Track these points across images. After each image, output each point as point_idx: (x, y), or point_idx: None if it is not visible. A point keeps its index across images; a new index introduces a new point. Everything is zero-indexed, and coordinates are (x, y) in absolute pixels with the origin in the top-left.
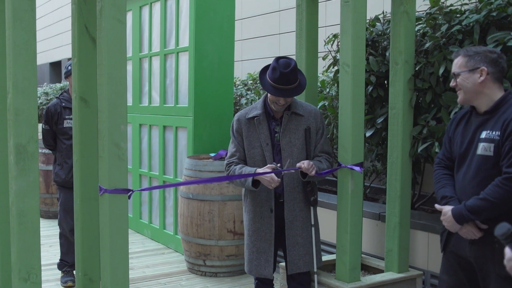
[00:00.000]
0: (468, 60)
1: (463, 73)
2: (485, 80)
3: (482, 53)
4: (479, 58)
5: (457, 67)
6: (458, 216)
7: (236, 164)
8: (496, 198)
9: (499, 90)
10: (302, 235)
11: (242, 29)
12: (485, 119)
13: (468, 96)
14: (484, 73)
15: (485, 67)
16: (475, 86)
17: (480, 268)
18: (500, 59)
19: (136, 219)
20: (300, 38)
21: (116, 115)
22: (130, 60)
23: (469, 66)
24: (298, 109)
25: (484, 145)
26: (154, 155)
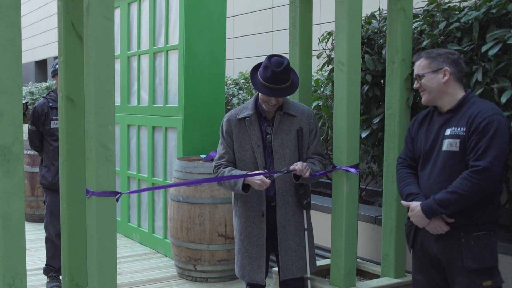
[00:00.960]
0: (431, 61)
1: (427, 74)
2: (449, 80)
3: (444, 55)
4: (441, 59)
5: (420, 69)
6: (427, 210)
7: (225, 167)
8: (465, 190)
9: (460, 89)
10: (295, 239)
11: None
12: (448, 117)
13: (433, 96)
14: (448, 73)
15: (448, 67)
16: (439, 86)
17: (448, 263)
18: (460, 60)
19: (125, 222)
20: (294, 35)
21: (103, 116)
22: (118, 59)
23: (433, 67)
24: (291, 109)
25: (450, 141)
26: (143, 156)
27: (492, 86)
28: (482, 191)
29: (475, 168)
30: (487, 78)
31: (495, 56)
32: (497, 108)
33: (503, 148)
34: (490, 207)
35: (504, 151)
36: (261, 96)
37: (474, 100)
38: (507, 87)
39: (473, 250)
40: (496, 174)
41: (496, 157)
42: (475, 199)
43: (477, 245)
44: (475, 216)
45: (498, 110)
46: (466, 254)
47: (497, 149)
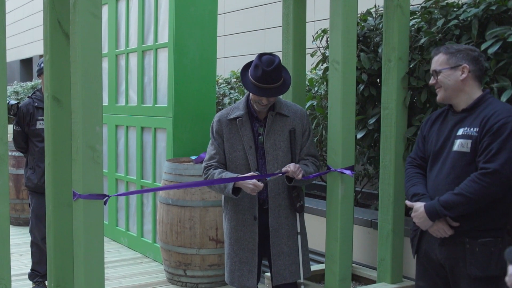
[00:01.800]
0: (450, 57)
1: (444, 70)
2: (467, 78)
3: (464, 51)
4: (461, 56)
5: (438, 64)
6: (431, 211)
7: (215, 168)
8: (472, 193)
9: (478, 88)
10: (288, 243)
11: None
12: (462, 116)
13: (449, 94)
14: (466, 71)
15: (467, 64)
16: (456, 84)
17: (451, 270)
18: (480, 58)
19: (112, 226)
20: (287, 33)
21: (91, 116)
22: (105, 57)
23: (451, 64)
24: (283, 110)
25: (461, 142)
26: (132, 158)
27: (492, 85)
28: (490, 195)
29: (485, 170)
30: (487, 77)
31: (495, 55)
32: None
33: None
34: (498, 212)
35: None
36: (252, 96)
37: (491, 101)
38: (507, 86)
39: (477, 257)
40: (505, 178)
41: (507, 161)
42: (482, 203)
43: (482, 252)
44: (481, 221)
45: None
46: (471, 260)
47: (509, 153)
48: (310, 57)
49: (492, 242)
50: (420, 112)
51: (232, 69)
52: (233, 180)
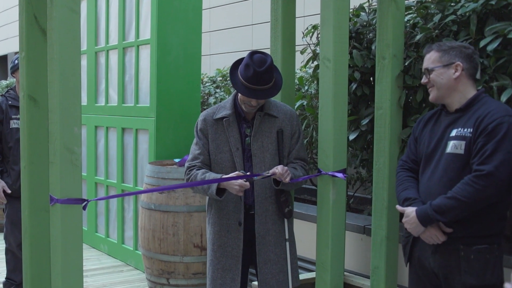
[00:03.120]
0: (442, 55)
1: (437, 69)
2: (460, 76)
3: (457, 48)
4: (454, 53)
5: (430, 62)
6: (423, 216)
7: (198, 169)
8: (466, 197)
9: (472, 87)
10: (275, 251)
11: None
12: (456, 117)
13: (441, 93)
14: (459, 69)
15: (460, 62)
16: (449, 82)
17: (445, 278)
18: (474, 55)
19: (92, 232)
20: (275, 29)
21: (69, 116)
22: (84, 54)
23: (444, 61)
24: (272, 110)
25: (455, 143)
26: (112, 161)
27: (491, 84)
28: (484, 199)
29: (479, 172)
30: (486, 76)
31: (495, 52)
32: (510, 110)
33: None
34: (494, 217)
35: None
36: (240, 96)
37: (485, 100)
38: (508, 85)
39: (472, 264)
40: (501, 181)
41: (502, 162)
42: (476, 207)
43: (478, 259)
44: (476, 227)
45: (511, 112)
46: (465, 269)
47: (505, 154)
48: (300, 55)
49: (488, 249)
50: (416, 113)
51: (218, 67)
52: (218, 181)
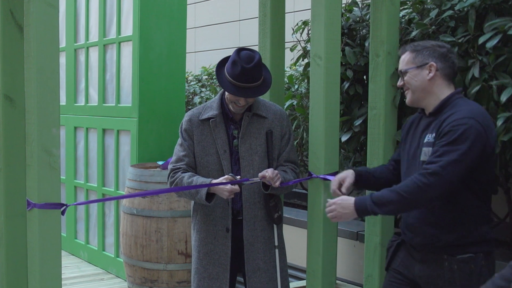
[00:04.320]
0: (416, 55)
1: (410, 70)
2: (434, 77)
3: (431, 48)
4: (427, 53)
5: (404, 64)
6: (360, 205)
7: (184, 171)
8: (407, 192)
9: (447, 88)
10: (264, 259)
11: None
12: (429, 121)
13: (417, 96)
14: (433, 69)
15: (434, 62)
16: (423, 84)
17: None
18: (450, 54)
19: (71, 239)
20: (264, 25)
21: (47, 117)
22: (63, 52)
23: (417, 62)
24: (261, 110)
25: (425, 150)
26: (92, 163)
27: (491, 83)
28: (425, 198)
29: (424, 170)
30: (485, 74)
31: (494, 49)
32: (477, 112)
33: (465, 156)
34: (474, 224)
35: (465, 161)
36: (228, 95)
37: (457, 102)
38: (508, 84)
39: (456, 275)
40: (446, 182)
41: (450, 163)
42: (416, 205)
43: (461, 270)
44: (456, 235)
45: (475, 114)
46: (449, 279)
47: (456, 155)
48: (289, 52)
49: (472, 259)
50: (411, 113)
51: (203, 65)
52: (206, 186)
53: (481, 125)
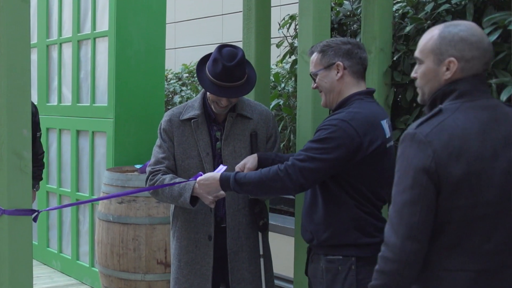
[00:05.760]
0: (323, 56)
1: (320, 72)
2: (343, 76)
3: (335, 46)
4: (332, 52)
5: (313, 66)
6: (223, 180)
7: (164, 173)
8: (266, 176)
9: (356, 86)
10: (249, 268)
11: (176, 9)
12: None
13: (330, 98)
14: (341, 69)
15: (340, 61)
16: (333, 85)
17: None
18: (356, 49)
19: (43, 247)
20: (248, 20)
21: (17, 117)
22: (35, 48)
23: (324, 63)
24: (245, 110)
25: None
26: (65, 167)
27: (490, 81)
28: (279, 187)
29: (286, 162)
30: None
31: (493, 45)
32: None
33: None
34: (344, 226)
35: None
36: (209, 95)
37: (352, 103)
38: (508, 82)
39: (323, 275)
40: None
41: (309, 160)
42: (271, 191)
43: (328, 270)
44: (328, 233)
45: (352, 118)
46: (320, 279)
47: (316, 153)
48: (275, 48)
49: (340, 261)
50: (406, 113)
51: (184, 62)
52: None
53: (354, 128)
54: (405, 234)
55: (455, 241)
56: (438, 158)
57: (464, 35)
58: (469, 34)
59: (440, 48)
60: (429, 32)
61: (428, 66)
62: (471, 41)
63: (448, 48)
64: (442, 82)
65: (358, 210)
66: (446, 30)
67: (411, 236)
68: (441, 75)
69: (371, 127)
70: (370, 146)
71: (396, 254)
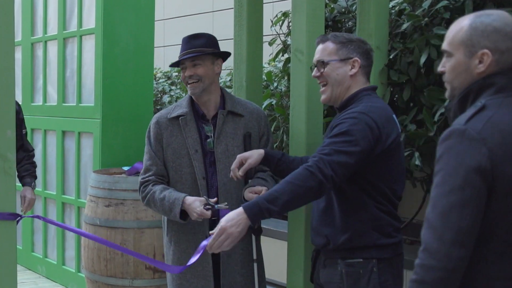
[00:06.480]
0: (340, 47)
1: (333, 62)
2: (356, 74)
3: (356, 42)
4: (352, 47)
5: (326, 54)
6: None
7: (154, 184)
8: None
9: (364, 86)
10: (241, 271)
11: (165, 6)
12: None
13: (337, 92)
14: (357, 65)
15: (358, 58)
16: (344, 79)
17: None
18: (371, 52)
19: (27, 252)
20: (240, 17)
21: (1, 118)
22: (19, 46)
23: (341, 55)
24: (236, 108)
25: None
26: (51, 169)
27: None
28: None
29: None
30: None
31: None
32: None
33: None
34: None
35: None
36: (181, 76)
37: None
38: None
39: (343, 280)
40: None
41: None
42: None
43: (349, 274)
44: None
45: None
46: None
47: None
48: (268, 46)
49: (361, 264)
50: (402, 113)
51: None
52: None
53: (374, 120)
54: (452, 239)
55: (506, 246)
56: (494, 156)
57: (498, 26)
58: (503, 24)
59: (471, 40)
60: (458, 23)
61: (459, 59)
62: (506, 32)
63: (481, 40)
64: (474, 75)
65: (377, 210)
66: (478, 21)
67: (458, 241)
68: (473, 68)
69: (387, 121)
70: (387, 139)
71: (440, 261)
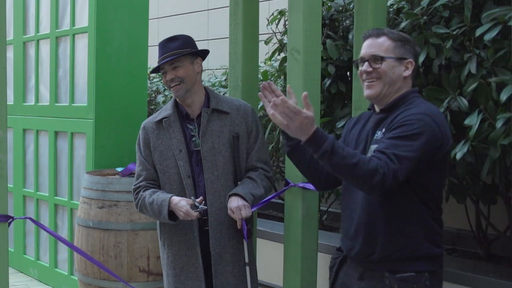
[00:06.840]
0: (397, 46)
1: (390, 60)
2: (409, 76)
3: (412, 43)
4: (409, 48)
5: (383, 50)
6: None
7: (145, 189)
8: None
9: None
10: (233, 272)
11: (159, 4)
12: (380, 118)
13: (388, 91)
14: (411, 67)
15: (412, 59)
16: (398, 79)
17: None
18: (419, 56)
19: (19, 254)
20: (235, 15)
21: None
22: (11, 45)
23: (398, 54)
24: (221, 105)
25: (372, 148)
26: (43, 170)
27: (489, 79)
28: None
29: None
30: (483, 70)
31: (493, 42)
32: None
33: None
34: (415, 236)
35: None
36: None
37: (413, 100)
38: (508, 81)
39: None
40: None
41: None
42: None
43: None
44: (394, 246)
45: (432, 113)
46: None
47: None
48: (264, 45)
49: (414, 278)
50: None
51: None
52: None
53: (437, 124)
54: None
55: None
56: None
57: None
58: None
59: None
60: None
61: None
62: None
63: None
64: None
65: (429, 217)
66: None
67: None
68: None
69: (445, 123)
70: (447, 143)
71: None
